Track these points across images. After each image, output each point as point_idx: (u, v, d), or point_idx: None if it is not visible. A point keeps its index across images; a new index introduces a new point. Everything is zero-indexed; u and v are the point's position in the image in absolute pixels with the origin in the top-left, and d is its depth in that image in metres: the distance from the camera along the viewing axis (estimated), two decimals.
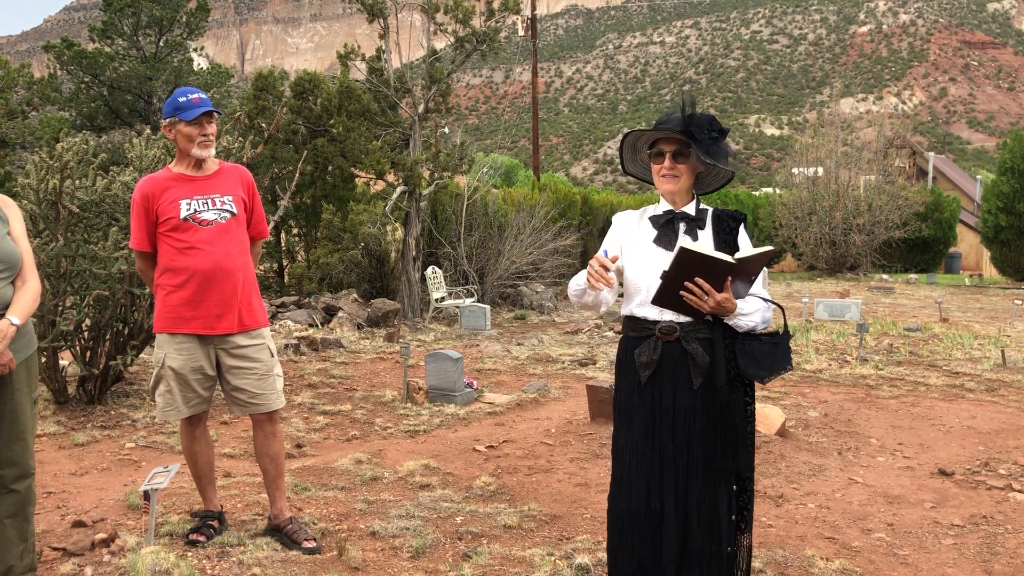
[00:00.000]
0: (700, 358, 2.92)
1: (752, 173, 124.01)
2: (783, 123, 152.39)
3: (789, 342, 3.03)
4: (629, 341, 3.05)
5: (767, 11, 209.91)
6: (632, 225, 3.15)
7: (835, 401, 7.70)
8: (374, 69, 14.18)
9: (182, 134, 3.85)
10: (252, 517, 4.43)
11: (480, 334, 12.34)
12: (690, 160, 2.98)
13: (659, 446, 2.96)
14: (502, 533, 4.34)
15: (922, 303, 18.23)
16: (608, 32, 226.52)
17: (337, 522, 4.42)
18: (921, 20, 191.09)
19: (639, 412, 3.00)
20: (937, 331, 12.70)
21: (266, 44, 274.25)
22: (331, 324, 12.11)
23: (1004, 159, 27.55)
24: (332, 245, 13.60)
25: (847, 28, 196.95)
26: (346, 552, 3.94)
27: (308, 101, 14.43)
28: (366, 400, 7.70)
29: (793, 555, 4.16)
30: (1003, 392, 8.32)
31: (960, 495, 5.19)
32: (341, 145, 13.93)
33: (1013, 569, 4.10)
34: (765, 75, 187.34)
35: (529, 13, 25.86)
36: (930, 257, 32.50)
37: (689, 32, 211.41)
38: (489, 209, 15.85)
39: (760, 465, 5.62)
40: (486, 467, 5.56)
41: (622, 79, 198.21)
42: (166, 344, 3.88)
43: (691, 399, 2.94)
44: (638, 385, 2.99)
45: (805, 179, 29.86)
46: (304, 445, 6.16)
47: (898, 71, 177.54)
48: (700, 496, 2.95)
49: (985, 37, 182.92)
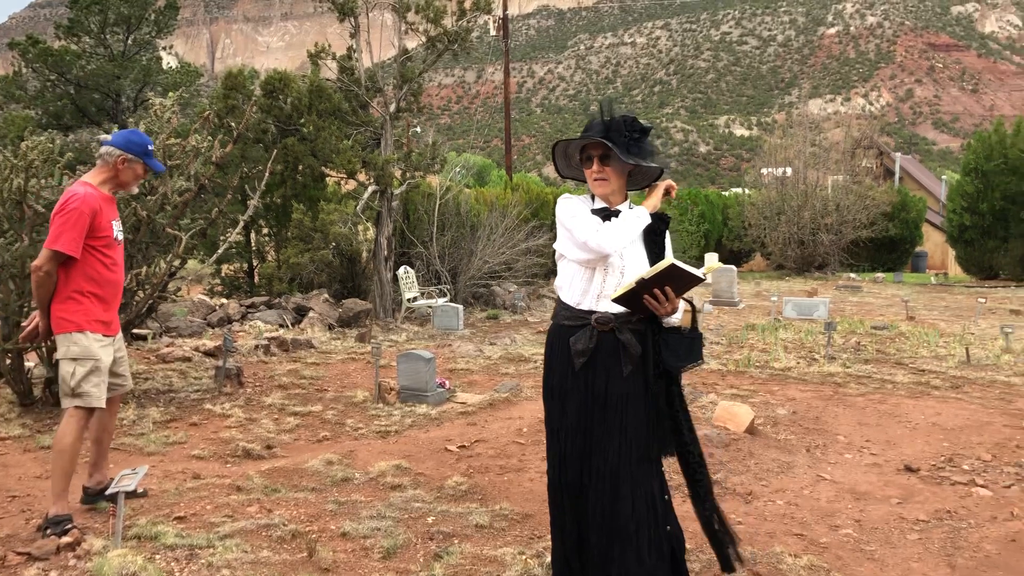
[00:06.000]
0: (633, 348, 3.10)
1: (722, 173, 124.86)
2: (752, 124, 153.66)
3: (701, 339, 3.26)
4: (563, 329, 3.20)
5: (736, 12, 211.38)
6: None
7: (803, 399, 7.78)
8: (345, 68, 14.10)
9: (135, 173, 4.54)
10: (221, 519, 4.40)
11: (453, 334, 12.32)
12: (616, 162, 3.13)
13: (590, 429, 3.14)
14: (474, 533, 4.34)
15: (889, 302, 18.46)
16: (580, 33, 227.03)
17: (307, 523, 4.40)
18: (888, 22, 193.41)
19: (573, 396, 3.16)
20: (903, 329, 12.87)
21: (236, 43, 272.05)
22: (302, 325, 12.04)
23: (968, 160, 27.99)
24: (303, 245, 13.52)
25: (815, 30, 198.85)
26: (316, 553, 3.93)
27: (278, 100, 14.34)
28: (337, 401, 7.66)
29: (762, 552, 4.20)
30: (967, 389, 8.44)
31: (925, 491, 5.27)
32: (312, 144, 13.85)
33: (976, 563, 4.17)
34: (735, 76, 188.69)
35: (501, 13, 25.85)
36: (897, 256, 32.94)
37: (660, 33, 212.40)
38: (461, 209, 15.82)
39: (729, 463, 5.67)
40: (458, 467, 5.56)
41: (594, 80, 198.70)
42: (94, 343, 4.38)
43: (622, 386, 3.11)
44: (572, 371, 3.15)
45: (774, 179, 30.14)
46: (274, 446, 6.13)
47: (865, 72, 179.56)
48: (631, 479, 3.11)
49: (949, 40, 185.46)
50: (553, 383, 3.23)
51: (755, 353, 10.37)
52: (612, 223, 3.10)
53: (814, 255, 29.16)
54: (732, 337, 11.82)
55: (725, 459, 5.72)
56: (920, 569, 4.08)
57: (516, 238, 15.93)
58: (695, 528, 3.51)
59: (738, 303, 16.80)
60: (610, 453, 3.10)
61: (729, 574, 3.43)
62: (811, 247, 29.01)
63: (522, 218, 16.45)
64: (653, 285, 2.94)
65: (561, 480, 3.21)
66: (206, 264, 12.67)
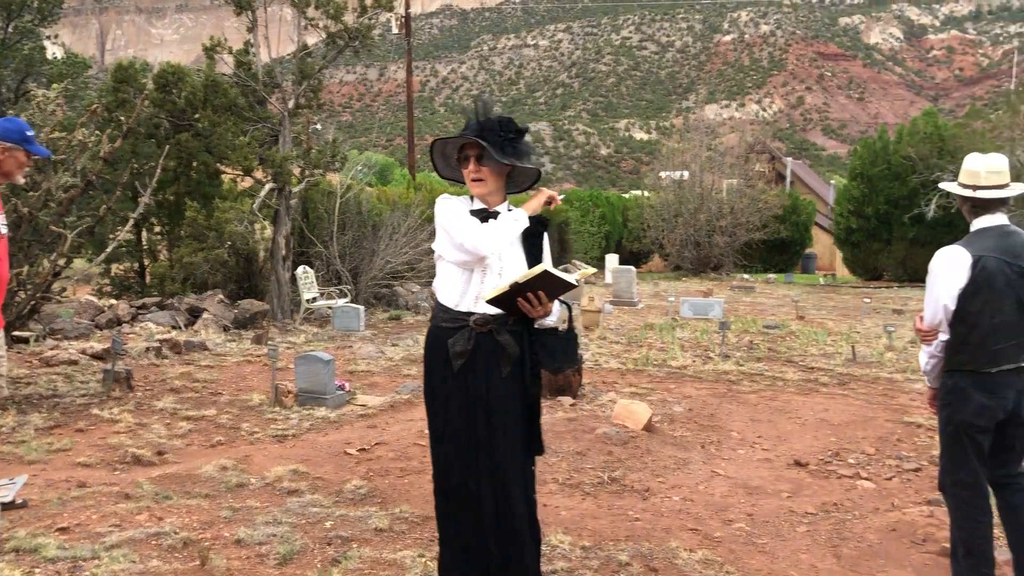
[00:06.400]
0: (511, 348, 3.11)
1: (622, 176, 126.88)
2: (652, 128, 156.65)
3: (576, 340, 3.30)
4: (442, 331, 3.18)
5: (636, 18, 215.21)
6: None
7: (699, 396, 7.98)
8: (242, 63, 13.75)
9: (18, 161, 4.35)
10: (108, 529, 4.23)
11: (353, 335, 12.16)
12: (492, 162, 3.12)
13: (473, 431, 3.13)
14: (373, 536, 4.29)
15: (780, 301, 19.10)
16: (483, 33, 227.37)
17: (200, 531, 4.27)
18: (780, 31, 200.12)
19: (454, 398, 3.15)
20: (794, 328, 13.34)
21: (128, 34, 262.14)
22: (195, 326, 11.69)
23: (854, 165, 29.23)
24: (196, 244, 13.11)
25: (712, 37, 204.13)
26: (209, 561, 3.81)
27: (172, 94, 13.88)
28: (232, 404, 7.47)
29: (658, 547, 4.28)
30: (853, 386, 8.81)
31: (814, 484, 5.47)
32: (207, 140, 13.45)
33: (859, 552, 4.35)
34: (635, 80, 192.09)
35: (403, 11, 25.67)
36: (788, 258, 34.13)
37: (562, 36, 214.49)
38: (363, 208, 15.63)
39: (627, 460, 5.76)
40: (357, 470, 5.48)
41: (497, 80, 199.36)
42: None
43: (501, 387, 3.12)
44: (451, 373, 3.14)
45: (672, 182, 30.85)
46: (166, 452, 5.92)
47: (759, 79, 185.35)
48: (515, 481, 3.13)
49: (837, 49, 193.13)
50: (434, 385, 3.21)
51: (653, 352, 10.58)
52: (490, 225, 3.09)
53: (710, 256, 29.96)
54: (631, 336, 12.03)
55: (624, 456, 5.81)
56: (808, 560, 4.23)
57: (419, 237, 15.82)
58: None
59: (637, 303, 17.11)
60: (496, 455, 3.11)
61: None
62: (707, 248, 29.79)
63: (425, 217, 16.34)
64: (526, 289, 2.97)
65: (447, 484, 3.19)
66: (94, 263, 12.14)
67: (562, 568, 3.97)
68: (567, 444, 6.00)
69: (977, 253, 3.57)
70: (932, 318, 3.68)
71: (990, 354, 3.59)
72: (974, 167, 3.71)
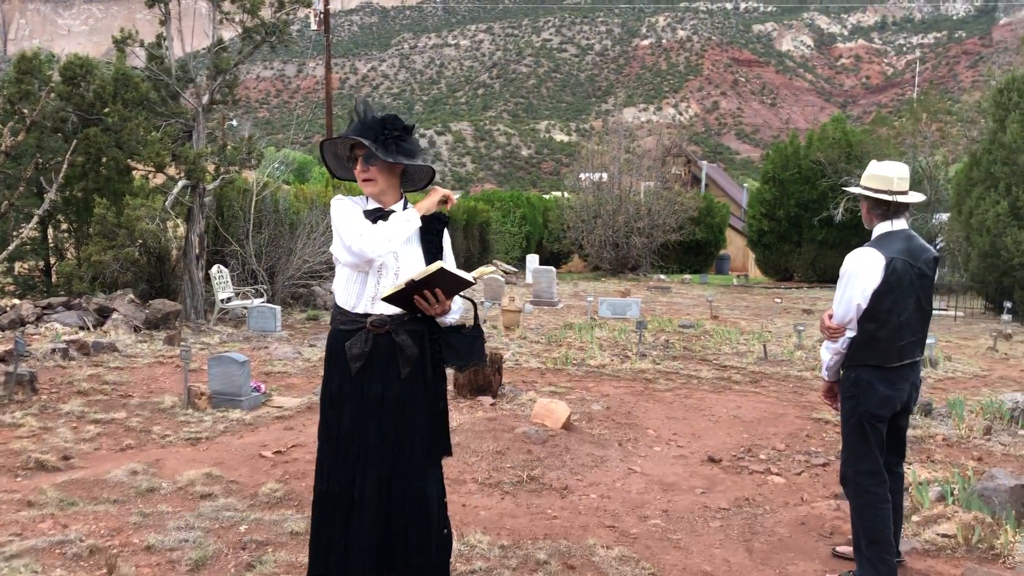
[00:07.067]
0: (409, 349, 3.08)
1: (543, 177, 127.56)
2: (571, 129, 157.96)
3: (482, 337, 3.29)
4: (340, 334, 3.13)
5: (556, 20, 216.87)
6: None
7: (616, 395, 8.09)
8: (154, 56, 13.37)
9: None
10: (8, 538, 4.07)
11: (270, 336, 11.95)
12: (379, 161, 3.09)
13: (364, 435, 3.07)
14: (289, 540, 4.23)
15: (695, 302, 19.50)
16: (403, 32, 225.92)
17: (108, 538, 4.14)
18: (696, 37, 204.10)
19: (349, 402, 3.09)
20: (708, 328, 13.64)
21: (33, 24, 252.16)
22: (104, 327, 11.32)
23: (767, 169, 30.06)
24: (106, 242, 12.68)
25: (630, 41, 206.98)
26: (117, 569, 3.70)
27: (80, 87, 13.38)
28: (143, 407, 7.26)
29: (576, 544, 4.32)
30: (764, 384, 9.05)
31: (727, 480, 5.60)
32: (116, 135, 13.02)
33: (770, 546, 4.48)
34: (555, 82, 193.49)
35: (322, 7, 25.32)
36: (703, 259, 34.89)
37: (483, 36, 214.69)
38: (280, 206, 15.37)
39: (547, 458, 5.81)
40: (273, 473, 5.40)
41: (418, 79, 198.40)
42: None
43: (400, 389, 3.08)
44: (349, 376, 3.09)
45: (591, 184, 31.21)
46: (72, 457, 5.72)
47: (676, 84, 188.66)
48: (409, 483, 3.08)
49: (751, 56, 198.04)
50: (332, 391, 3.14)
51: (572, 351, 10.68)
52: (379, 226, 3.05)
53: (628, 257, 30.41)
54: (551, 336, 12.12)
55: (543, 455, 5.85)
56: (721, 554, 4.33)
57: None
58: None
59: (557, 303, 17.25)
60: (385, 459, 3.06)
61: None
62: (625, 249, 30.23)
63: None
64: (423, 287, 2.96)
65: (330, 491, 3.09)
66: None
67: (480, 568, 3.98)
68: (487, 443, 6.01)
69: (889, 255, 3.74)
70: (843, 316, 3.82)
71: (897, 350, 3.76)
72: (886, 173, 3.85)
